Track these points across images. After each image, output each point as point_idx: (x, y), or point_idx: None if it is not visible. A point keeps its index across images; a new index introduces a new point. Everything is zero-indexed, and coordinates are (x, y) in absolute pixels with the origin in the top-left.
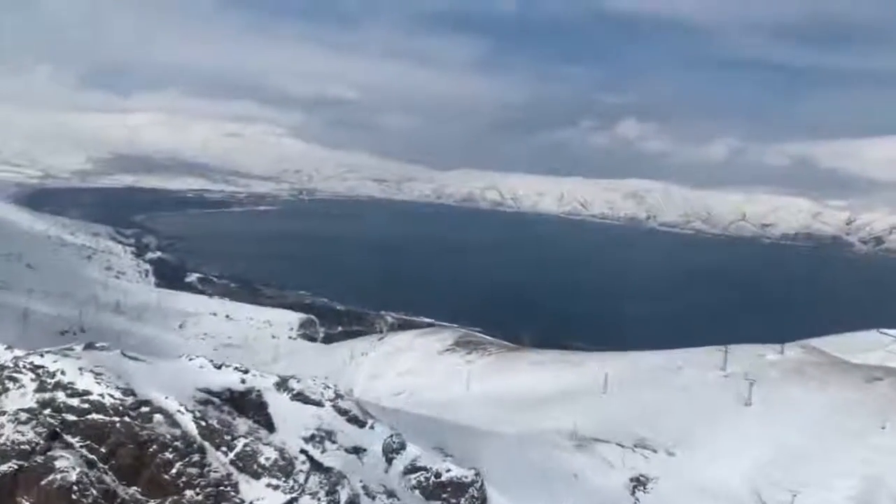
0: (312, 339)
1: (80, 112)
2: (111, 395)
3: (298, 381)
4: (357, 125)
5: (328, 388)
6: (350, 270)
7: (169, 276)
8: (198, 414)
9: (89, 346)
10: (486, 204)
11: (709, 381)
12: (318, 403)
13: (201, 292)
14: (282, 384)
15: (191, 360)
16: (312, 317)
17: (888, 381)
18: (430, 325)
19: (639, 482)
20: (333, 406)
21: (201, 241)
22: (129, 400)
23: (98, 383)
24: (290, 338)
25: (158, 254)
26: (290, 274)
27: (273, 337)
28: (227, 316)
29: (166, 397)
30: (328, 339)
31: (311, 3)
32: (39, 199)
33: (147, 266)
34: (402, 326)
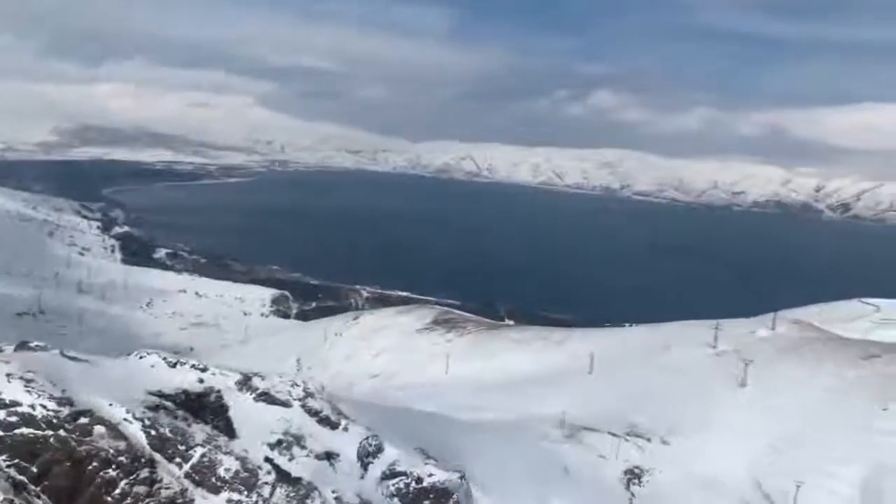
0: (286, 316)
1: (44, 82)
2: (44, 406)
3: (263, 379)
4: (331, 96)
5: (296, 385)
6: (324, 244)
7: (136, 252)
8: (147, 422)
9: (22, 346)
10: (461, 175)
11: (700, 359)
12: (286, 404)
13: (170, 268)
14: (244, 383)
15: (141, 357)
16: (285, 292)
17: (886, 357)
18: (405, 299)
19: (633, 475)
20: (302, 406)
21: (170, 214)
22: (66, 410)
23: (29, 392)
24: (262, 315)
25: (126, 228)
26: (262, 248)
27: (245, 314)
28: (197, 293)
29: (111, 404)
30: (302, 316)
31: None
32: (3, 171)
33: (113, 242)
34: (378, 300)
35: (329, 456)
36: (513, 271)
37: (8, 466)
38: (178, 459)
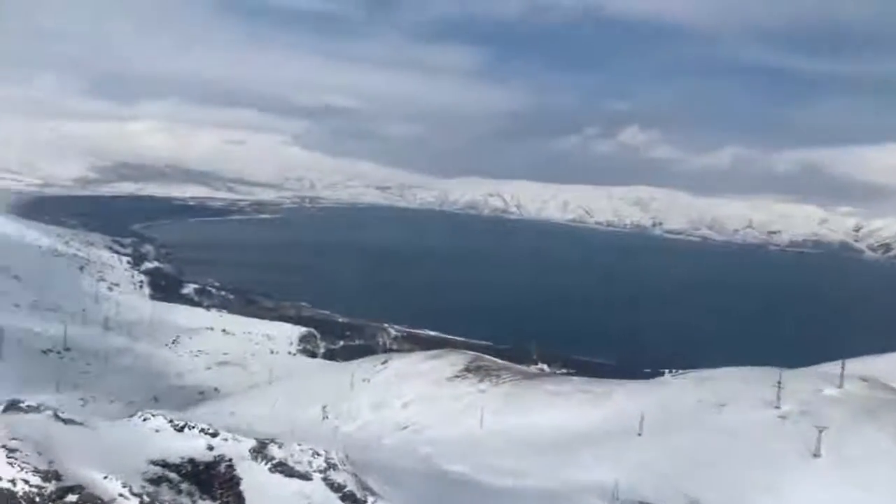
0: (313, 355)
1: (82, 120)
2: (26, 481)
3: (280, 447)
4: (360, 134)
5: (317, 455)
6: (352, 281)
7: (165, 288)
8: (146, 498)
9: (11, 407)
10: (489, 211)
11: (762, 422)
12: (305, 476)
13: (198, 304)
14: (259, 451)
15: (145, 420)
16: (313, 330)
17: None
18: (434, 338)
19: None
20: (324, 479)
21: (200, 250)
22: (51, 486)
23: (11, 464)
24: (289, 353)
25: (155, 264)
26: (291, 284)
27: (272, 352)
28: (224, 330)
29: (106, 477)
30: (329, 355)
31: (313, 13)
32: (38, 207)
33: (142, 277)
34: (406, 339)
35: None
36: (544, 311)
37: None
38: None
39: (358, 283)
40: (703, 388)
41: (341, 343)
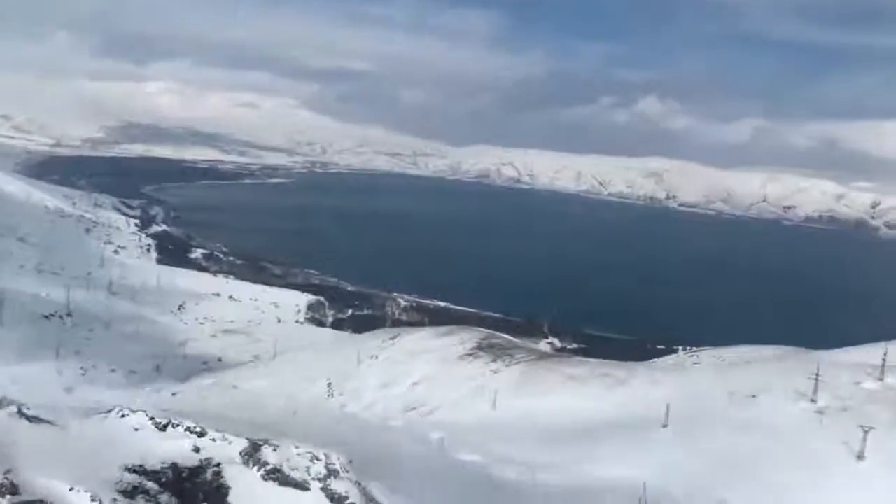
0: (321, 324)
1: (94, 80)
2: None
3: (275, 450)
4: (373, 99)
5: (316, 459)
6: (362, 248)
7: (172, 252)
8: None
9: None
10: (501, 181)
11: (797, 417)
12: (302, 486)
13: (205, 269)
14: (251, 454)
15: (123, 416)
16: (321, 299)
17: None
18: (443, 309)
19: None
20: (323, 489)
21: (210, 213)
22: (4, 502)
23: None
24: (296, 321)
25: (164, 227)
26: (300, 250)
27: (279, 321)
28: (231, 296)
29: (72, 488)
30: (337, 324)
31: None
32: (48, 167)
33: (149, 241)
34: (415, 310)
35: None
36: (556, 284)
37: None
38: None
39: (368, 251)
40: (732, 376)
41: (350, 312)
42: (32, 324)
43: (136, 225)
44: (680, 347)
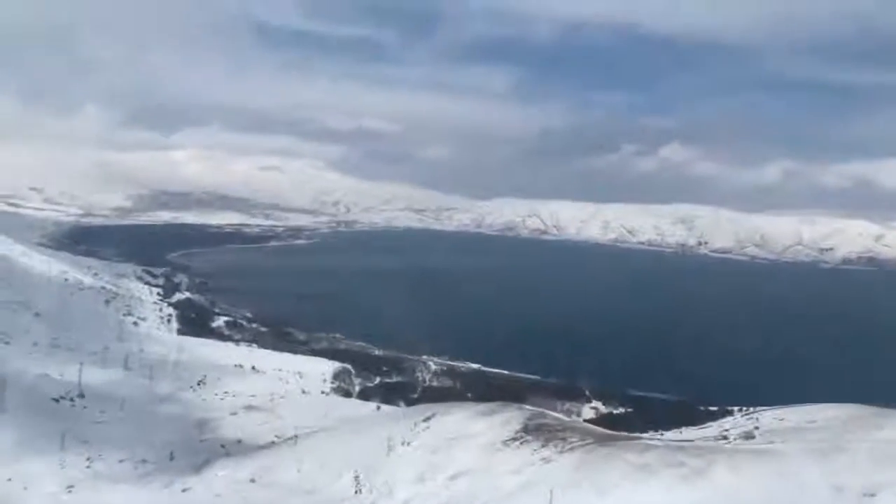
0: (347, 394)
1: (122, 150)
2: None
3: None
4: (395, 157)
5: None
6: (388, 309)
7: (194, 321)
8: None
9: None
10: (527, 232)
11: None
12: None
13: (228, 338)
14: None
15: None
16: (348, 366)
17: None
18: (476, 371)
19: None
20: None
21: (235, 278)
22: None
23: None
24: (322, 392)
25: (187, 294)
26: (325, 314)
27: (303, 392)
28: (254, 367)
29: None
30: (364, 393)
31: (348, 38)
32: (76, 237)
33: (171, 311)
34: (447, 374)
35: None
36: (593, 340)
37: None
38: None
39: (394, 312)
40: (834, 463)
41: (377, 380)
42: (38, 409)
43: (158, 294)
44: (735, 408)
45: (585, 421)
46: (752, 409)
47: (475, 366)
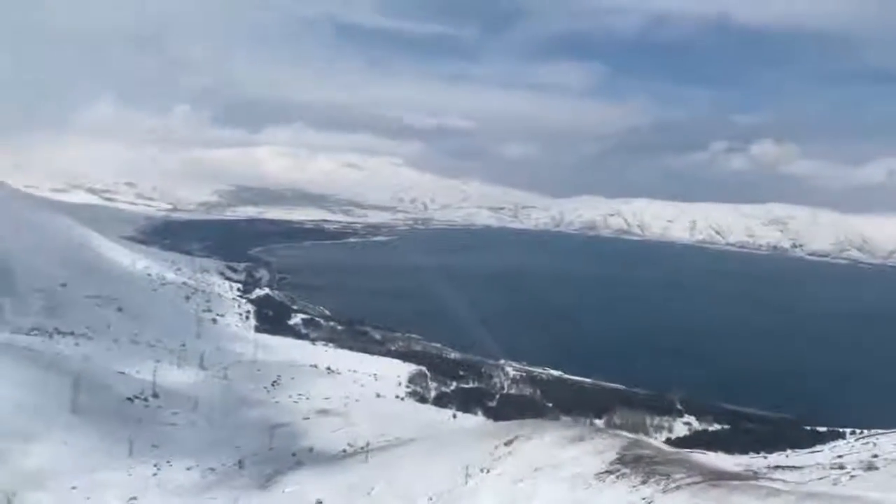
0: (423, 399)
1: (210, 147)
2: None
3: None
4: (473, 154)
5: None
6: (464, 309)
7: (272, 318)
8: None
9: None
10: (608, 232)
11: None
12: None
13: (304, 336)
14: None
15: None
16: (423, 368)
17: None
18: (557, 379)
19: None
20: None
21: (314, 275)
22: None
23: None
24: (397, 396)
25: (266, 291)
26: (401, 313)
27: (378, 396)
28: (329, 368)
29: None
30: (440, 399)
31: (428, 36)
32: (163, 231)
33: (249, 307)
34: (525, 381)
35: None
36: (682, 347)
37: None
38: None
39: (470, 312)
40: None
41: (454, 385)
42: (112, 410)
43: (238, 290)
44: (848, 430)
45: (678, 439)
46: (865, 431)
47: (556, 373)
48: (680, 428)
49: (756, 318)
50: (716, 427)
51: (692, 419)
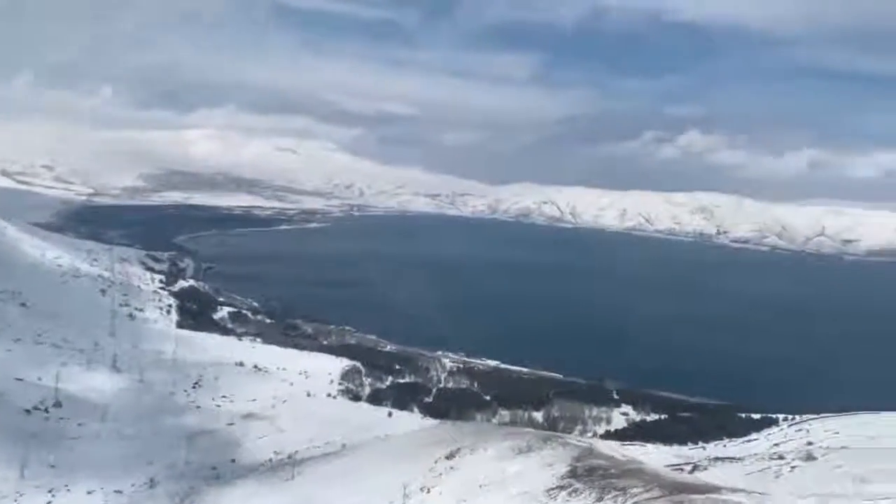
0: (357, 398)
1: (137, 129)
2: None
3: None
4: (411, 141)
5: None
6: (400, 299)
7: (195, 312)
8: None
9: None
10: (542, 219)
11: None
12: None
13: (230, 332)
14: None
15: None
16: (357, 364)
17: None
18: (494, 370)
19: None
20: None
21: (242, 264)
22: None
23: None
24: (328, 395)
25: (191, 282)
26: (335, 304)
27: (308, 395)
28: (256, 366)
29: None
30: (375, 396)
31: (368, 20)
32: (82, 217)
33: (171, 301)
34: (463, 372)
35: None
36: (616, 335)
37: None
38: None
39: (406, 302)
40: None
41: (389, 380)
42: (9, 421)
43: (160, 281)
44: (780, 417)
45: (618, 431)
46: (797, 417)
47: (493, 363)
48: (618, 419)
49: (684, 306)
50: (653, 417)
51: (629, 409)
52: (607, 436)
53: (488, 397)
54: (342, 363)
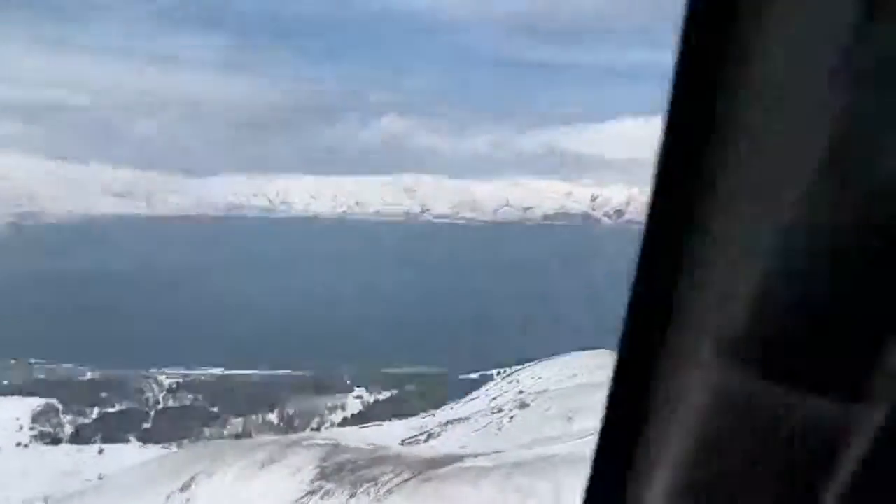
0: (56, 440)
1: None
2: None
3: None
4: (92, 134)
5: None
6: (98, 317)
7: None
8: None
9: None
10: (254, 211)
11: None
12: None
13: None
14: None
15: None
16: (53, 401)
17: None
18: (223, 377)
19: None
20: None
21: None
22: None
23: None
24: (18, 445)
25: None
26: (11, 334)
27: None
28: None
29: None
30: (79, 434)
31: None
32: None
33: None
34: (187, 387)
35: None
36: (338, 321)
37: None
38: None
39: (106, 320)
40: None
41: (95, 412)
42: None
43: None
44: (494, 371)
45: (354, 416)
46: (507, 370)
47: (217, 371)
48: (353, 404)
49: (395, 280)
50: (385, 395)
51: (363, 391)
52: (345, 423)
53: (216, 409)
54: (32, 404)
